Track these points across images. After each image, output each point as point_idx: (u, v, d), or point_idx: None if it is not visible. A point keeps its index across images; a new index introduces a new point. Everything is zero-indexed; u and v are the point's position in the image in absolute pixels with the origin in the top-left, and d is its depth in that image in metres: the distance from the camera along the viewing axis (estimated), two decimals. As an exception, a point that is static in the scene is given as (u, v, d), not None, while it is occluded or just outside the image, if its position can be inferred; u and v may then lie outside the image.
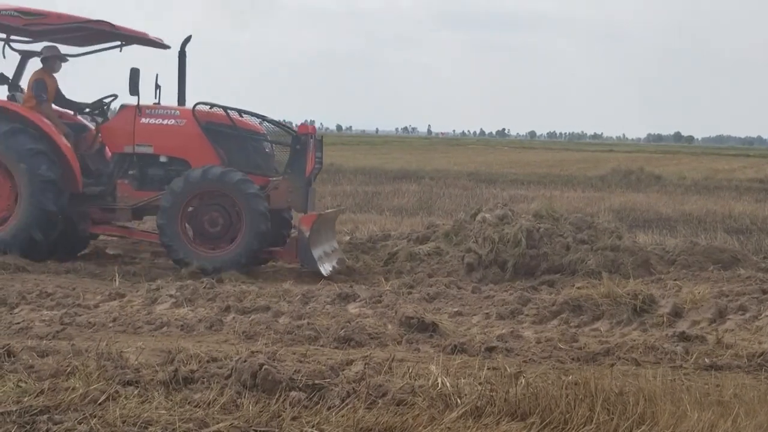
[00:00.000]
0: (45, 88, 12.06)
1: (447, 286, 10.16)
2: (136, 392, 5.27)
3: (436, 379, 5.46)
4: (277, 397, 5.22)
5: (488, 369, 5.98)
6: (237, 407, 5.13)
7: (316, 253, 11.37)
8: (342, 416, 4.99)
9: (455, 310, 9.03)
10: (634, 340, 7.63)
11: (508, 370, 5.79)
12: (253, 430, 4.84)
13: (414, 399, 5.25)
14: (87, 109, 12.57)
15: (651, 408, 5.04)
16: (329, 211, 12.84)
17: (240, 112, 12.26)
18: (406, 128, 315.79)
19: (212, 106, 12.19)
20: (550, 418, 4.97)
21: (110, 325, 7.95)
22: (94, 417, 4.81)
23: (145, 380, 5.50)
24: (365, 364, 6.11)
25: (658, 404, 5.09)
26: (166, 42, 12.60)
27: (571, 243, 11.84)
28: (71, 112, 12.69)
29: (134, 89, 11.55)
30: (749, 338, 7.93)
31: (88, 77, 12.96)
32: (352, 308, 9.01)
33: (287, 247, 11.96)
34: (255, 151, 12.19)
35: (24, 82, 12.44)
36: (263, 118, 12.49)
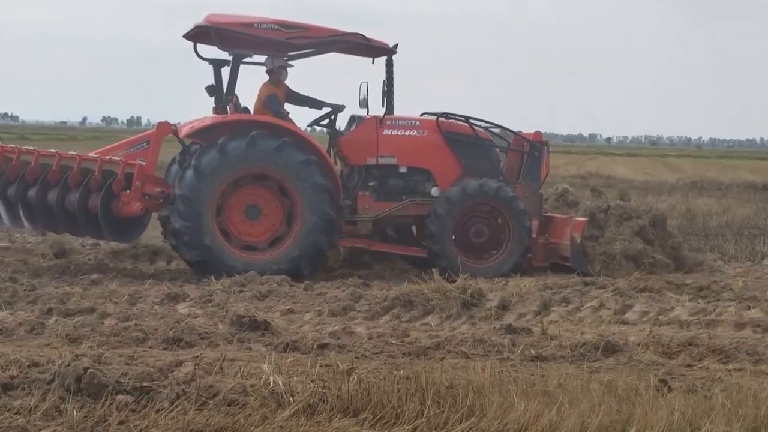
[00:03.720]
0: (280, 103, 11.89)
1: (279, 284, 10.10)
2: (-50, 401, 5.01)
3: (268, 378, 5.41)
4: (103, 401, 5.07)
5: (321, 366, 5.98)
6: (60, 413, 4.96)
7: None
8: (171, 418, 4.88)
9: (287, 307, 9.00)
10: (464, 334, 7.79)
11: (341, 366, 5.79)
12: (78, 436, 4.68)
13: (246, 399, 5.19)
14: (321, 118, 12.39)
15: (480, 400, 5.13)
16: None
17: (473, 119, 12.56)
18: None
19: (454, 116, 12.55)
20: (383, 413, 5.00)
21: None
22: None
23: (-40, 388, 5.24)
24: (195, 365, 6.03)
25: (486, 396, 5.19)
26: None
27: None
28: None
29: (364, 103, 11.78)
30: (572, 329, 8.22)
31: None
32: (182, 308, 8.86)
33: (535, 250, 12.13)
34: (490, 159, 12.54)
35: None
36: (493, 125, 12.88)
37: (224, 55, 12.02)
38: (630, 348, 7.29)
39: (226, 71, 11.97)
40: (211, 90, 11.95)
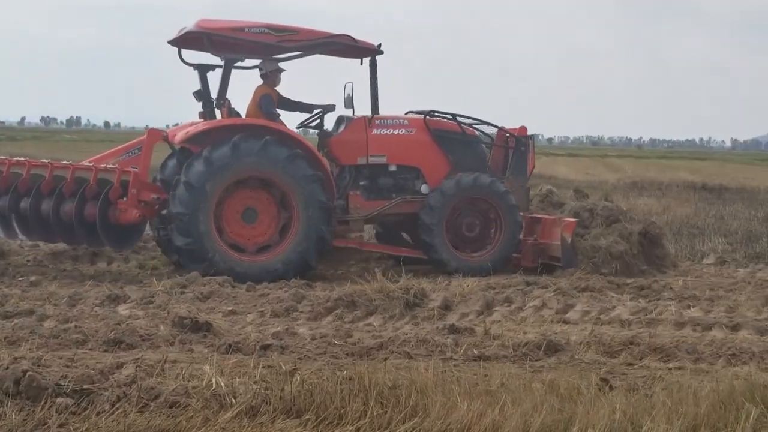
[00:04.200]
0: (274, 104, 11.90)
1: (221, 285, 10.04)
2: None
3: (210, 380, 5.36)
4: (42, 404, 4.98)
5: (263, 367, 5.93)
6: (-2, 417, 4.87)
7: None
8: (112, 421, 4.82)
9: (229, 308, 8.94)
10: (407, 334, 7.79)
11: (283, 367, 5.76)
12: (16, 439, 4.60)
13: (187, 401, 5.13)
14: (310, 119, 12.52)
15: (423, 400, 5.13)
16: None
17: (459, 116, 12.83)
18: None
19: (440, 114, 12.78)
20: (326, 414, 4.99)
21: None
22: None
23: None
24: (136, 367, 5.95)
25: (429, 396, 5.19)
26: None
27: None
28: None
29: (349, 103, 11.83)
30: (514, 329, 8.27)
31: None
32: (123, 310, 8.76)
33: (524, 250, 12.36)
34: (477, 155, 12.82)
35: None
36: (479, 121, 13.11)
37: (209, 60, 12.09)
38: (572, 347, 7.35)
39: (211, 76, 12.04)
40: (199, 95, 11.99)
